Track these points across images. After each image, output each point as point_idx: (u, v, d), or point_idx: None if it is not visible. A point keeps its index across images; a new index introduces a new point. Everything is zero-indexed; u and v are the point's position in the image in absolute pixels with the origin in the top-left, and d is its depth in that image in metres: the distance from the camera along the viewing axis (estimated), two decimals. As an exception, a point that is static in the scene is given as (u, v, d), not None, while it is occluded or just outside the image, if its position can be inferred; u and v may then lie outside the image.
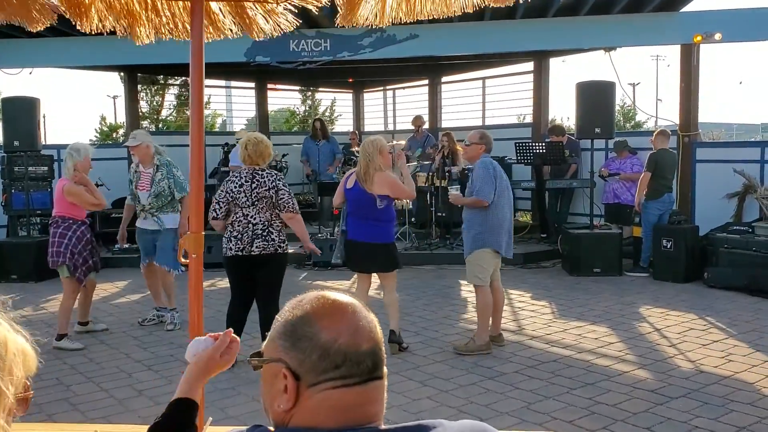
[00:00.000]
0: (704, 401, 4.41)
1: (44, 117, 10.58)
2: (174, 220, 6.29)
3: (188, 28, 2.39)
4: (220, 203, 5.08)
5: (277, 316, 1.17)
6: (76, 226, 5.79)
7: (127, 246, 9.77)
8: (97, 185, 9.56)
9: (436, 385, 4.80)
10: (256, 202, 4.98)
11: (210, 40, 2.38)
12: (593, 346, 5.64)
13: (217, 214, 5.08)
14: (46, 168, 9.53)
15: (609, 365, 5.16)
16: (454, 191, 5.76)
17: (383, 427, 1.09)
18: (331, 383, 1.07)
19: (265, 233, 4.99)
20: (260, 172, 5.04)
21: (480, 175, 5.40)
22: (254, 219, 4.99)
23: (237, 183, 5.02)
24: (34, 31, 2.34)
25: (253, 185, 4.98)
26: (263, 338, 5.74)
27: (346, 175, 5.60)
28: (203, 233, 2.20)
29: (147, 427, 1.47)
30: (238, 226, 5.01)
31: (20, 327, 1.13)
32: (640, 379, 4.86)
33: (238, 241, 4.99)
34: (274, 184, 5.00)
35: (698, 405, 4.35)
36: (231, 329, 1.63)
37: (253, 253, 4.98)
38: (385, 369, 1.13)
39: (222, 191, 5.11)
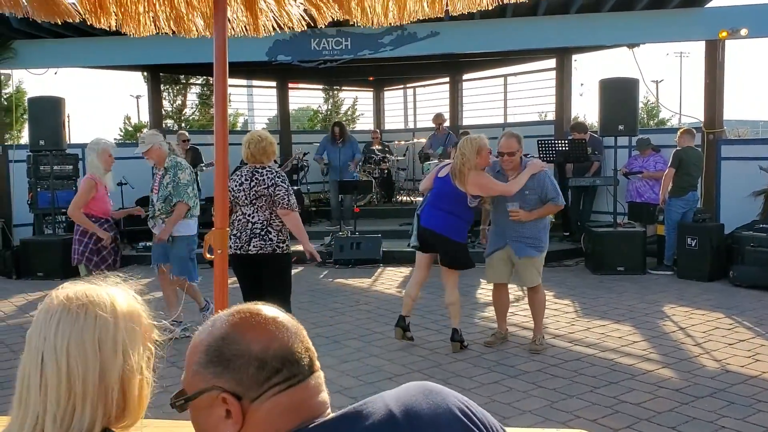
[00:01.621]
0: (730, 401, 4.35)
1: (69, 116, 10.73)
2: (186, 226, 5.95)
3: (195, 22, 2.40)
4: None
5: (190, 349, 1.13)
6: (98, 225, 5.89)
7: (150, 244, 9.95)
8: (121, 184, 9.77)
9: (459, 383, 4.78)
10: (255, 201, 4.90)
11: (231, 35, 2.38)
12: (617, 344, 5.60)
13: None
14: (71, 167, 9.66)
15: (633, 364, 5.12)
16: (514, 207, 5.35)
17: (332, 414, 1.09)
18: (277, 388, 1.06)
19: (263, 232, 4.89)
20: (260, 170, 4.95)
21: (552, 180, 5.45)
22: (252, 218, 4.91)
23: (237, 182, 4.96)
24: (53, 22, 2.35)
25: (252, 183, 4.90)
26: None
27: (441, 164, 5.60)
28: (228, 230, 2.21)
29: (173, 421, 1.47)
30: (238, 224, 4.95)
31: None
32: (664, 378, 4.81)
33: (237, 240, 4.92)
34: (273, 181, 4.89)
35: (724, 405, 4.29)
36: None
37: (250, 252, 4.88)
38: (318, 362, 1.14)
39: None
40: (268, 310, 1.13)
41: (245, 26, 2.43)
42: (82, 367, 1.13)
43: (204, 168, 10.37)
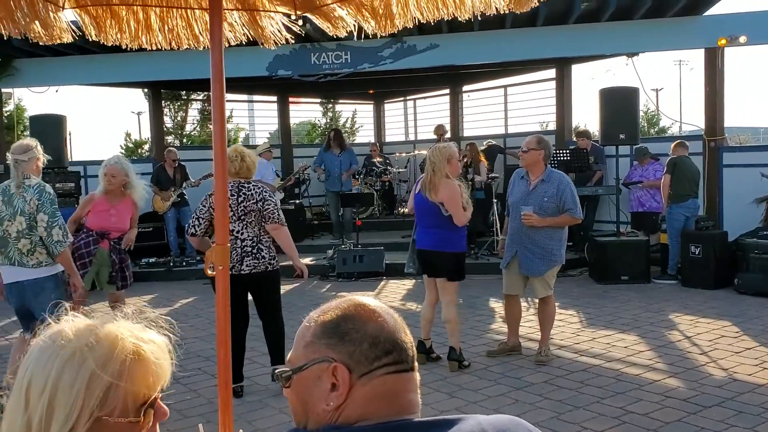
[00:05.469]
0: (739, 410, 4.31)
1: (70, 134, 10.75)
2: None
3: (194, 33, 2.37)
4: (200, 219, 4.79)
5: (307, 324, 1.17)
6: (84, 235, 5.52)
7: (153, 260, 9.95)
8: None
9: (465, 396, 4.75)
10: (243, 217, 4.77)
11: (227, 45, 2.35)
12: (623, 354, 5.56)
13: (195, 230, 4.81)
14: (72, 184, 9.67)
15: (639, 374, 5.08)
16: (528, 211, 5.32)
17: (420, 419, 1.11)
18: (385, 369, 1.10)
19: (254, 250, 4.77)
20: (246, 185, 4.81)
21: (572, 190, 5.38)
22: (242, 235, 4.77)
23: None
24: (49, 44, 2.33)
25: (240, 199, 4.75)
26: (271, 352, 5.51)
27: (416, 181, 5.55)
28: (228, 246, 2.19)
29: None
30: None
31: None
32: (671, 387, 4.78)
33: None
34: (261, 196, 4.78)
35: (733, 414, 4.26)
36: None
37: (243, 272, 4.73)
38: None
39: (203, 207, 4.83)
40: (375, 302, 1.18)
41: (247, 29, 2.39)
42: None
43: (193, 184, 10.35)
